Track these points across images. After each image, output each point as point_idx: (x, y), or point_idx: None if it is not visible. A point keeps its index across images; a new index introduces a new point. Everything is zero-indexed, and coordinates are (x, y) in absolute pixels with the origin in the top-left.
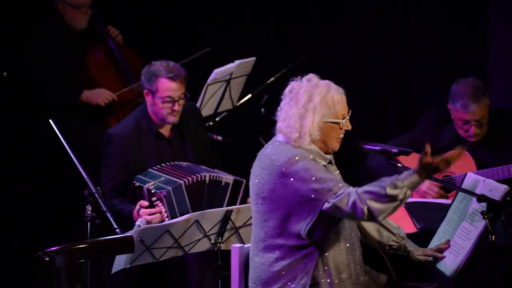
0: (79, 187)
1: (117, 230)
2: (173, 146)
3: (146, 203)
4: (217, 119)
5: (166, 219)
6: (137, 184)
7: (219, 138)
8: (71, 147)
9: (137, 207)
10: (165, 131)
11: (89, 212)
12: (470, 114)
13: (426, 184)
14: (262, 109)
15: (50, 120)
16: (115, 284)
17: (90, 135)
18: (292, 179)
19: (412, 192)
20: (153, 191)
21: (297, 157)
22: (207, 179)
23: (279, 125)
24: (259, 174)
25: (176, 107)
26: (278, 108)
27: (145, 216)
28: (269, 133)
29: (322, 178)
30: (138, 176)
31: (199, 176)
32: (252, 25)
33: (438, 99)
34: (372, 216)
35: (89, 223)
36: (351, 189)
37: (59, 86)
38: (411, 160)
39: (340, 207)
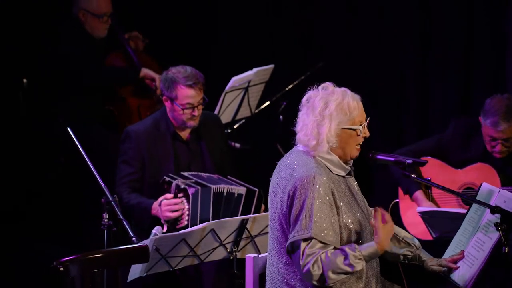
0: (96, 195)
1: (133, 238)
2: (191, 148)
3: (171, 195)
4: (235, 126)
5: (186, 217)
6: (167, 179)
7: (237, 145)
8: (88, 154)
9: (161, 198)
10: (184, 134)
11: (106, 220)
12: (499, 133)
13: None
14: (280, 116)
15: (68, 128)
16: None
17: (108, 143)
18: (296, 194)
19: (365, 263)
20: (182, 187)
21: (314, 179)
22: (225, 191)
23: (298, 135)
24: (277, 182)
25: (196, 112)
26: (297, 119)
27: (166, 206)
28: (287, 140)
29: (317, 219)
30: (169, 174)
31: (221, 187)
32: (271, 32)
33: (457, 104)
34: (322, 282)
35: (106, 231)
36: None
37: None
38: (431, 168)
39: (297, 253)
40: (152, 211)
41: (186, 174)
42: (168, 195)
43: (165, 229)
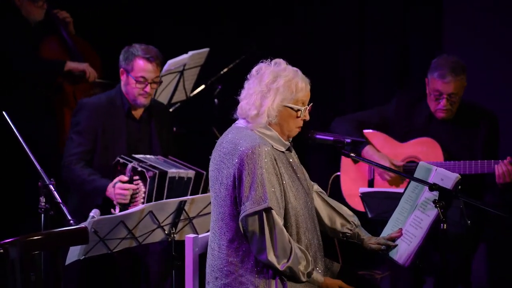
0: (32, 179)
1: (71, 221)
2: (141, 128)
3: (125, 178)
4: (170, 110)
5: (142, 200)
6: (122, 161)
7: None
8: (24, 139)
9: (116, 180)
10: (136, 113)
11: (43, 204)
12: (445, 85)
13: (387, 164)
14: (216, 100)
15: (4, 112)
16: (70, 274)
17: (44, 127)
18: (244, 165)
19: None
20: (139, 169)
21: (259, 148)
22: (177, 175)
23: (241, 104)
24: (220, 159)
25: (148, 89)
26: (242, 89)
27: (120, 190)
28: (222, 123)
29: (269, 189)
30: (122, 155)
31: (174, 171)
32: (206, 16)
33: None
34: (273, 267)
35: (43, 215)
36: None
37: (41, 59)
38: (375, 141)
39: (251, 231)
40: (107, 193)
41: (138, 156)
42: (123, 177)
43: (117, 211)
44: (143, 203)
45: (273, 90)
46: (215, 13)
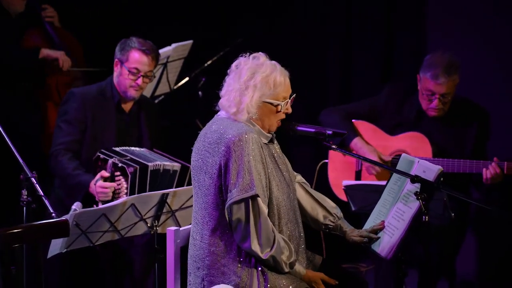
0: (14, 172)
1: (53, 214)
2: (131, 121)
3: (106, 173)
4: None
5: (125, 195)
6: (102, 156)
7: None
8: (7, 131)
9: (97, 177)
10: (126, 106)
11: (25, 197)
12: (438, 86)
13: (375, 158)
14: (200, 92)
15: None
16: (51, 267)
17: (26, 120)
18: (231, 153)
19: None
20: (119, 165)
21: (246, 135)
22: (161, 168)
23: (221, 100)
24: (205, 148)
25: (140, 82)
26: (223, 83)
27: (100, 188)
28: (206, 116)
29: (256, 176)
30: (102, 150)
31: (157, 164)
32: (190, 8)
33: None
34: (256, 256)
35: (25, 208)
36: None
37: (16, 48)
38: (365, 132)
39: (236, 219)
40: (90, 189)
41: (118, 149)
42: (104, 173)
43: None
44: None
45: (251, 87)
46: (199, 5)
